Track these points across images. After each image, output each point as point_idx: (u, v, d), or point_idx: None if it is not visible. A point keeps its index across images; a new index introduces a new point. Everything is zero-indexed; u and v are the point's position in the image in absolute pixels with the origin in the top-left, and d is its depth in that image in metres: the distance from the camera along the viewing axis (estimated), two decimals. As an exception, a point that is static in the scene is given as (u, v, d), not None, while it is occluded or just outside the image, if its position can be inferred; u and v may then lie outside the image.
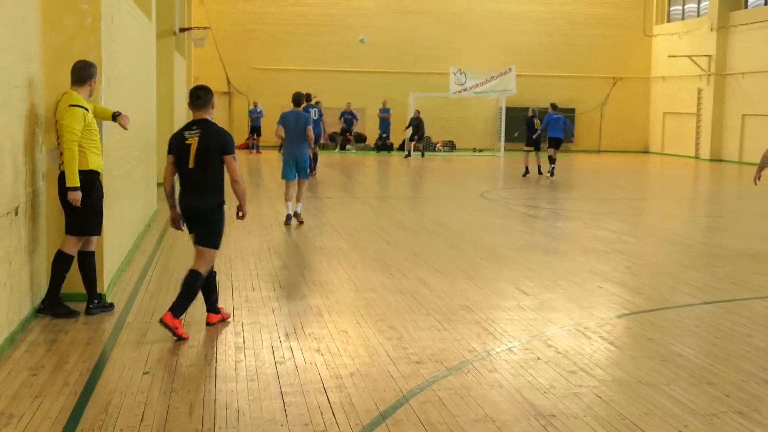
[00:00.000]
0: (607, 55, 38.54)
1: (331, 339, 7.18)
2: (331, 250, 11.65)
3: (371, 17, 36.48)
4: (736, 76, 33.08)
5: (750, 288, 9.61)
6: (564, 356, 6.79)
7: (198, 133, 7.25)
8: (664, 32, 38.07)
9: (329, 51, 36.32)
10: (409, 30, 36.67)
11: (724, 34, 33.63)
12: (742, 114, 32.81)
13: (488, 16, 37.31)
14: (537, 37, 37.74)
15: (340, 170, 25.92)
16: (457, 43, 36.89)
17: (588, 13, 38.26)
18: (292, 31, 36.09)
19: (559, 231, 13.94)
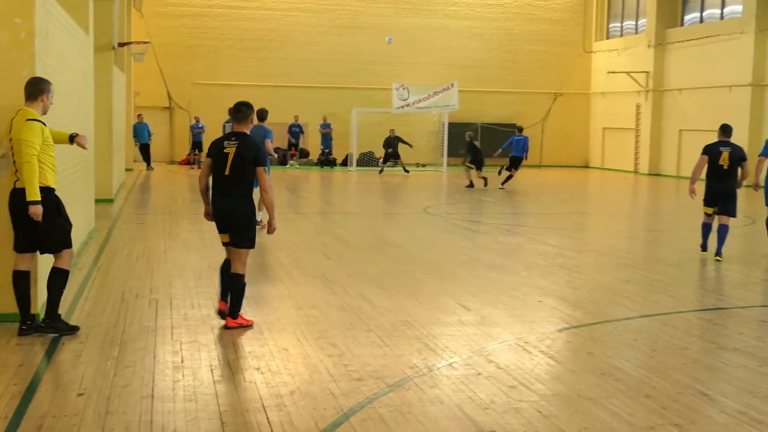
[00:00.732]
0: (547, 71, 39.05)
1: (271, 357, 7.12)
2: (272, 266, 11.58)
3: (313, 33, 36.51)
4: (673, 92, 33.74)
5: (686, 301, 9.77)
6: (504, 371, 6.81)
7: (236, 144, 8.04)
8: (603, 49, 38.71)
9: (272, 66, 36.24)
10: (351, 45, 36.76)
11: (662, 50, 34.31)
12: (679, 129, 33.46)
13: (430, 31, 37.58)
14: (479, 53, 38.12)
15: (284, 186, 25.80)
16: (400, 59, 37.07)
17: (528, 30, 38.74)
18: (234, 46, 35.94)
19: (502, 246, 14.04)
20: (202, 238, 14.28)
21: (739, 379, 6.69)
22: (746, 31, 29.25)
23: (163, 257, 12.18)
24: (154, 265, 11.48)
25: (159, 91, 35.36)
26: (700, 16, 33.09)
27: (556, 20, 39.11)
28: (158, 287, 10.01)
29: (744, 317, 9.07)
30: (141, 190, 23.78)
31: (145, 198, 21.67)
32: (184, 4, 35.46)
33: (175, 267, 11.36)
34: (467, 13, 38.09)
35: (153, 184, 25.71)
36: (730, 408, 6.00)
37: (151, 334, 7.78)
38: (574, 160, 39.59)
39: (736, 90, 29.74)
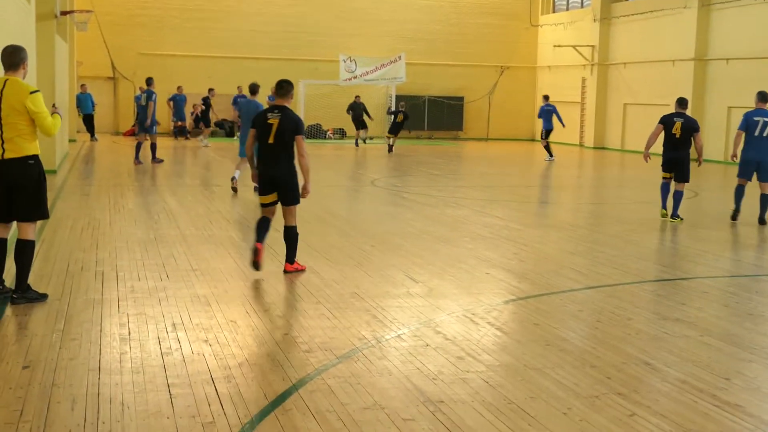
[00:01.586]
0: (494, 44, 39.18)
1: (219, 329, 7.09)
2: (220, 239, 11.50)
3: (260, 4, 36.15)
4: (618, 66, 34.11)
5: (630, 273, 9.93)
6: (452, 342, 6.87)
7: (279, 116, 9.19)
8: (549, 22, 38.93)
9: (218, 37, 35.83)
10: (298, 16, 36.47)
11: (607, 25, 34.63)
12: (624, 103, 33.88)
13: (377, 3, 37.44)
14: (426, 25, 38.09)
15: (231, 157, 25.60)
16: (347, 31, 36.91)
17: (475, 2, 38.79)
18: (180, 17, 35.46)
19: (448, 218, 14.10)
20: (148, 210, 14.15)
21: (681, 349, 6.83)
22: (690, 6, 29.64)
23: (109, 229, 12.03)
24: (99, 237, 11.34)
25: (103, 61, 34.77)
26: (645, -9, 33.41)
27: (503, -7, 39.19)
28: (104, 259, 9.89)
29: (686, 288, 9.25)
30: (85, 161, 23.41)
31: (90, 169, 21.35)
32: (127, -27, 34.83)
33: (120, 239, 11.23)
34: (415, -15, 37.99)
35: (97, 156, 25.33)
36: (673, 377, 6.13)
37: (98, 307, 7.69)
38: (521, 134, 39.88)
39: (680, 64, 30.16)
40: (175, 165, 23.50)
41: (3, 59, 7.77)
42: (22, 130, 7.60)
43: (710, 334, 7.28)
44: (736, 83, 27.75)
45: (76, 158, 23.82)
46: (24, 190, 7.69)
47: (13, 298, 7.73)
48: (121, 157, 24.56)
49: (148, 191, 16.76)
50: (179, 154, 26.77)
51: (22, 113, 7.57)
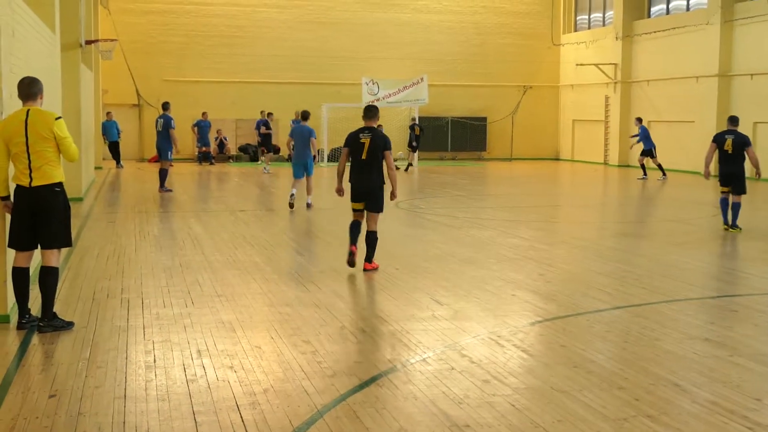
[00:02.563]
0: (516, 64, 39.17)
1: (244, 355, 7.09)
2: (244, 264, 11.52)
3: (282, 28, 36.38)
4: (641, 83, 33.97)
5: (658, 292, 9.84)
6: (478, 365, 6.82)
7: (369, 136, 10.85)
8: (571, 41, 38.87)
9: (240, 62, 36.09)
10: (320, 41, 36.67)
11: (629, 42, 34.53)
12: (648, 120, 33.64)
13: (399, 26, 37.57)
14: (447, 46, 38.17)
15: (254, 182, 25.72)
16: (368, 54, 37.05)
17: (497, 23, 38.84)
18: (203, 43, 35.74)
19: (473, 239, 14.06)
20: (173, 236, 14.21)
21: (711, 369, 6.74)
22: (712, 22, 29.50)
23: (134, 256, 12.09)
24: (125, 264, 11.40)
25: (127, 89, 35.08)
26: (666, 7, 33.32)
27: (524, 13, 39.23)
28: (129, 286, 9.94)
29: (715, 307, 9.16)
30: (111, 188, 23.60)
31: (115, 196, 21.50)
32: (151, 1, 35.19)
33: (146, 265, 11.29)
34: (436, 7, 38.12)
35: (123, 183, 25.52)
36: (702, 398, 6.05)
37: (123, 334, 7.72)
38: (545, 153, 39.77)
39: (703, 81, 30.00)
40: (200, 190, 23.62)
41: (21, 90, 7.88)
42: (49, 158, 7.72)
43: (740, 354, 7.19)
44: (762, 99, 27.55)
45: (102, 186, 24.01)
46: (49, 218, 7.78)
47: (39, 326, 7.78)
48: (146, 183, 24.72)
49: (173, 217, 16.84)
50: (204, 180, 26.91)
51: (49, 140, 7.68)
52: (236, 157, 35.68)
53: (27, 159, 7.67)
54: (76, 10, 19.80)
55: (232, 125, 36.19)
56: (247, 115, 35.71)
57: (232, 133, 36.22)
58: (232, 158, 35.52)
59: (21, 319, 7.92)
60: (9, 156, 7.74)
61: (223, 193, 22.81)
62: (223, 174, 29.03)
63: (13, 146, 7.67)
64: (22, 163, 7.69)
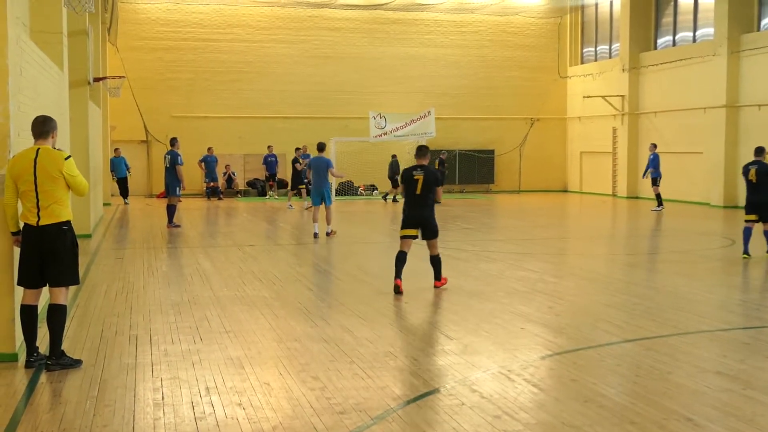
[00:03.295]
0: (523, 97, 39.34)
1: (253, 392, 7.05)
2: (252, 299, 11.51)
3: (290, 64, 36.64)
4: (649, 115, 34.03)
5: (668, 325, 9.78)
6: (488, 401, 6.78)
7: (422, 173, 12.02)
8: (578, 74, 39.04)
9: (248, 97, 36.33)
10: (327, 75, 36.91)
11: (636, 74, 34.63)
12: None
13: (406, 60, 37.81)
14: (454, 80, 38.37)
15: (262, 217, 25.75)
16: (375, 88, 37.28)
17: (503, 56, 39.05)
18: (211, 79, 35.99)
19: (482, 273, 14.03)
20: (182, 272, 14.22)
21: (724, 403, 6.69)
22: (719, 53, 29.58)
23: (143, 293, 12.09)
24: (133, 301, 11.39)
25: (136, 125, 35.30)
26: (672, 39, 33.45)
27: (530, 46, 39.44)
28: (138, 323, 9.93)
29: (726, 340, 9.09)
30: (119, 224, 23.65)
31: (124, 233, 21.54)
32: (159, 38, 35.50)
33: (154, 302, 11.28)
34: (442, 41, 38.35)
35: (131, 219, 25.58)
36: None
37: (131, 372, 7.70)
38: (553, 185, 39.80)
39: (711, 112, 30.02)
40: (208, 225, 23.66)
41: (34, 129, 7.95)
42: (57, 197, 7.76)
43: (753, 387, 7.13)
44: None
45: (110, 222, 24.07)
46: (57, 256, 7.79)
47: (47, 364, 7.77)
48: (154, 219, 24.78)
49: (181, 253, 16.86)
50: (212, 215, 26.96)
51: (58, 180, 7.73)
52: (244, 192, 35.77)
53: (35, 198, 7.72)
54: (84, 48, 19.98)
55: (240, 160, 36.34)
56: (255, 150, 35.88)
57: (240, 168, 36.36)
58: (240, 193, 35.61)
59: (29, 357, 7.92)
60: (17, 193, 7.78)
61: (232, 228, 22.82)
62: (232, 209, 29.09)
63: (22, 184, 7.72)
64: (30, 201, 7.73)
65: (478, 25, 38.72)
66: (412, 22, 37.97)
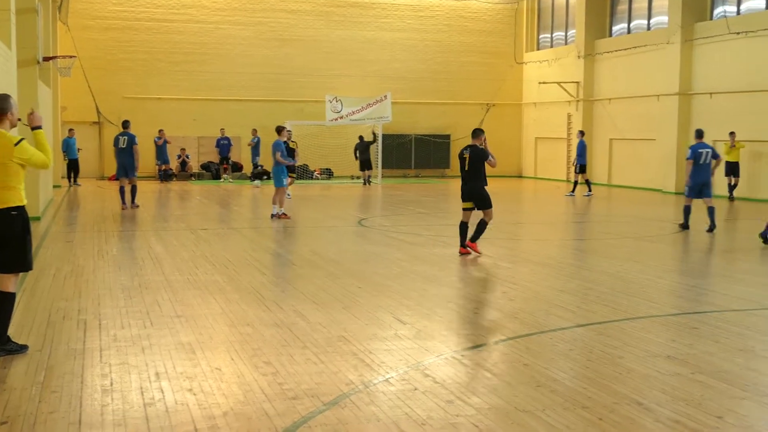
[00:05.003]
0: (480, 82, 39.41)
1: (203, 377, 6.97)
2: (205, 283, 11.40)
3: (245, 46, 36.33)
4: (603, 101, 34.31)
5: (620, 310, 9.86)
6: (441, 386, 6.77)
7: (469, 151, 13.92)
8: (534, 59, 39.20)
9: (203, 79, 35.97)
10: (284, 58, 36.67)
11: (591, 61, 34.88)
12: (610, 138, 34.02)
13: (363, 43, 37.67)
14: (411, 64, 38.32)
15: (216, 200, 25.55)
16: (332, 71, 37.10)
17: (460, 41, 39.07)
18: (165, 60, 35.56)
19: (437, 257, 14.04)
20: (133, 256, 14.05)
21: (673, 387, 6.75)
22: (672, 41, 29.88)
23: (92, 277, 11.91)
24: (82, 285, 11.22)
25: (87, 106, 34.79)
26: (627, 26, 33.71)
27: (487, 32, 39.51)
28: (87, 308, 9.78)
29: (676, 324, 9.19)
30: (69, 207, 23.31)
31: (74, 215, 21.23)
32: (111, 18, 34.98)
33: (104, 286, 11.12)
34: (399, 25, 38.26)
35: (82, 201, 25.22)
36: (665, 417, 6.04)
37: (79, 357, 7.57)
38: (508, 170, 39.95)
39: (664, 99, 30.35)
40: (161, 209, 23.41)
41: None
42: (5, 182, 7.51)
43: (702, 372, 7.20)
44: (720, 117, 27.92)
45: (60, 204, 23.72)
46: (6, 242, 7.57)
47: None
48: (106, 202, 24.47)
49: (132, 236, 16.66)
50: (165, 198, 26.69)
51: (6, 165, 7.47)
52: (198, 175, 35.46)
53: None
54: (33, 26, 19.58)
55: (194, 143, 36.02)
56: (210, 133, 35.59)
57: (195, 150, 36.02)
58: (194, 176, 35.30)
59: None
60: None
61: (185, 212, 22.61)
62: (185, 192, 28.82)
63: None
64: None
65: (435, 9, 38.68)
66: (369, 5, 37.82)
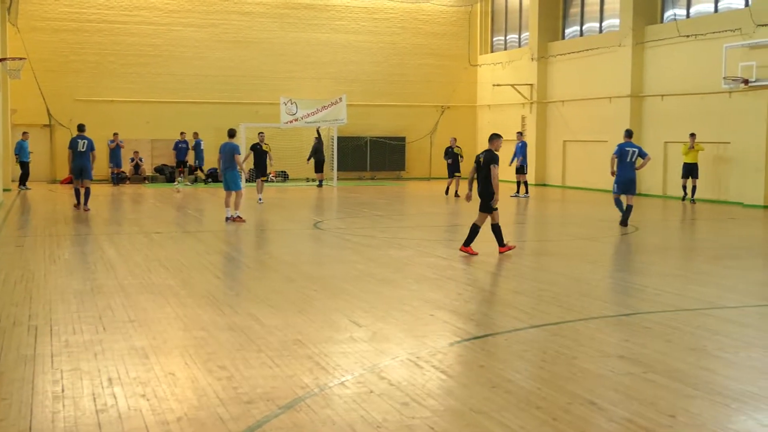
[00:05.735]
0: (434, 85, 39.52)
1: (157, 382, 6.90)
2: (158, 287, 11.29)
3: (199, 48, 36.05)
4: (557, 103, 34.60)
5: (574, 310, 9.94)
6: (397, 388, 6.77)
7: (483, 156, 14.49)
8: (488, 62, 39.40)
9: (157, 82, 35.61)
10: (238, 60, 36.45)
11: (544, 63, 35.16)
12: (564, 140, 34.32)
13: (317, 46, 37.58)
14: (366, 66, 38.32)
15: (172, 203, 25.32)
16: (286, 73, 36.97)
17: (414, 43, 39.14)
18: (117, 62, 35.15)
19: (392, 259, 14.05)
20: (85, 260, 13.88)
21: (626, 387, 6.82)
22: (624, 44, 30.21)
23: (43, 281, 11.74)
24: (33, 290, 11.05)
25: (38, 108, 34.26)
26: (580, 29, 34.04)
27: (441, 34, 39.64)
28: (37, 313, 9.63)
29: (629, 324, 9.28)
30: (20, 211, 22.95)
31: (25, 219, 20.91)
32: (62, 19, 34.51)
33: (55, 291, 10.96)
34: (353, 27, 38.25)
35: (33, 205, 24.85)
36: (618, 416, 6.10)
37: (30, 363, 7.45)
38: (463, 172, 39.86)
39: (616, 101, 30.68)
40: (114, 212, 23.15)
41: None
42: None
43: (654, 371, 7.29)
44: (671, 119, 28.31)
45: (11, 208, 23.35)
46: None
47: None
48: (57, 205, 24.14)
49: (85, 240, 16.45)
50: (118, 201, 26.40)
51: None
52: (152, 178, 35.12)
53: None
54: (-18, 27, 19.27)
55: (147, 145, 35.64)
56: (163, 135, 35.24)
57: (148, 153, 35.66)
58: (148, 179, 34.95)
59: None
60: None
61: (138, 215, 22.39)
62: (138, 195, 28.53)
63: None
64: None
65: (389, 11, 38.72)
66: (323, 7, 37.75)
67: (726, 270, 13.31)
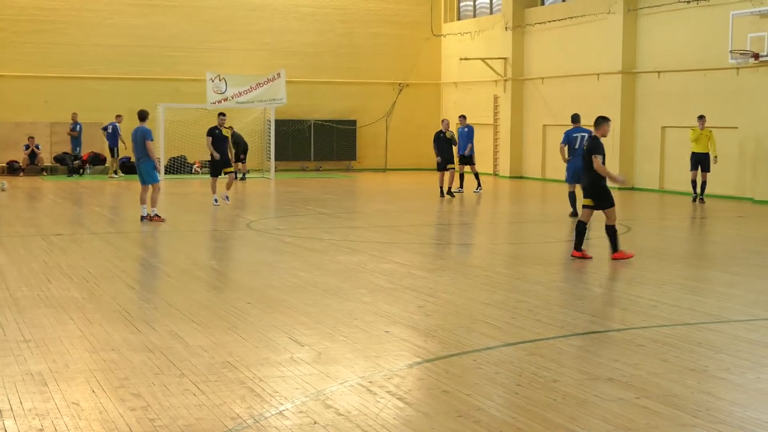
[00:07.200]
0: (390, 58, 39.57)
1: (57, 414, 6.88)
2: (60, 300, 11.22)
3: (107, 12, 35.77)
4: (535, 81, 34.82)
5: (555, 325, 10.05)
6: (345, 418, 6.82)
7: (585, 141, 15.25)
8: (454, 31, 39.55)
9: (56, 53, 35.24)
10: (154, 28, 36.19)
11: (520, 34, 35.35)
12: (543, 124, 34.52)
13: (250, 11, 37.43)
14: (309, 36, 38.24)
15: (71, 199, 25.11)
16: (214, 44, 36.80)
17: (366, 9, 39.11)
18: (8, 29, 34.77)
19: (341, 266, 14.10)
20: (-30, 267, 13.75)
21: (615, 414, 6.92)
22: (614, 10, 30.37)
23: None
24: None
25: None
26: (562, -7, 34.30)
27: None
28: None
29: (619, 341, 9.42)
30: None
31: None
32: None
33: (-66, 305, 10.85)
34: (294, -10, 38.20)
35: None
36: (606, 448, 6.20)
37: None
38: (425, 162, 40.13)
39: (605, 78, 30.88)
40: (4, 210, 22.89)
41: None
42: None
43: (648, 396, 7.40)
44: (669, 99, 28.52)
45: None
46: None
47: None
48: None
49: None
50: (9, 197, 26.12)
51: None
52: (51, 169, 34.78)
53: None
54: None
55: (45, 130, 35.22)
56: (65, 118, 34.83)
57: (46, 140, 35.21)
58: (46, 170, 34.60)
59: None
60: None
61: (35, 214, 22.19)
62: (35, 190, 28.25)
63: None
64: None
65: (337, -30, 38.78)
66: (258, -35, 37.69)
67: (732, 277, 13.53)
